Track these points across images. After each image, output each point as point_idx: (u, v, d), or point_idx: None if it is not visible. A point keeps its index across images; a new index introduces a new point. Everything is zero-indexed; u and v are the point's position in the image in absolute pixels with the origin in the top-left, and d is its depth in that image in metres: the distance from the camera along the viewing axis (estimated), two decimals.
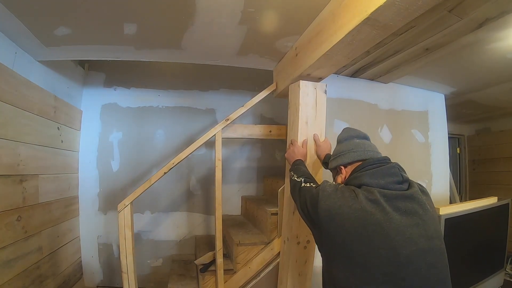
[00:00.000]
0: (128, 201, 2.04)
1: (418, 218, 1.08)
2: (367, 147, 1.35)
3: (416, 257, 1.03)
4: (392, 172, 1.19)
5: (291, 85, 2.11)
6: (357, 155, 1.32)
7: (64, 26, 1.87)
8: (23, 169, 2.08)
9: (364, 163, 1.27)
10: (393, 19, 1.26)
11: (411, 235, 1.04)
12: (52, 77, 2.51)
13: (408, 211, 1.09)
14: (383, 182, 1.16)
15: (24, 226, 2.07)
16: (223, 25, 1.84)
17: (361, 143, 1.37)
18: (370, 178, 1.18)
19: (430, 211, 1.15)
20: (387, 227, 1.04)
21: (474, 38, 2.06)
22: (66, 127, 2.69)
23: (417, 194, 1.15)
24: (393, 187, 1.15)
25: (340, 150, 1.39)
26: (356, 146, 1.35)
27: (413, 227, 1.06)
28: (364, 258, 1.04)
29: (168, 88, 3.22)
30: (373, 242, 1.04)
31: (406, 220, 1.07)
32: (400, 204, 1.10)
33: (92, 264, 3.01)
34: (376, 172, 1.20)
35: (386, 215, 1.06)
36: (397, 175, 1.19)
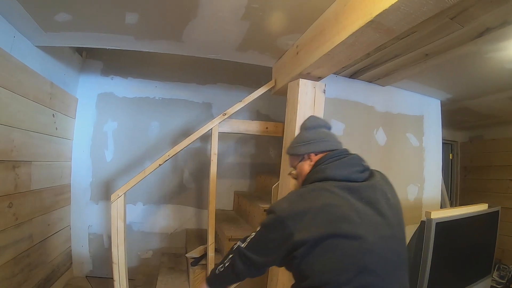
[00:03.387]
0: (121, 191, 2.03)
1: (380, 206, 1.12)
2: (335, 138, 1.39)
3: (381, 244, 1.06)
4: (353, 162, 1.24)
5: (290, 83, 2.11)
6: (327, 145, 1.34)
7: (65, 12, 1.86)
8: (17, 155, 2.06)
9: (329, 154, 1.30)
10: (397, 24, 1.27)
11: (375, 223, 1.08)
12: (49, 63, 2.49)
13: (371, 200, 1.12)
14: (346, 172, 1.19)
15: (15, 213, 2.05)
16: (225, 20, 1.83)
17: (330, 134, 1.40)
18: (334, 170, 1.21)
19: (391, 199, 1.19)
20: (353, 217, 1.06)
21: (473, 46, 2.07)
22: (61, 114, 2.66)
23: (378, 183, 1.20)
24: (355, 176, 1.19)
25: (310, 138, 1.38)
26: (326, 136, 1.37)
27: (376, 216, 1.09)
28: (335, 251, 1.04)
29: (166, 80, 3.21)
30: (341, 233, 1.04)
31: (369, 209, 1.10)
32: (363, 195, 1.13)
33: (82, 254, 3.00)
34: (340, 163, 1.23)
35: (351, 206, 1.08)
36: (359, 165, 1.24)
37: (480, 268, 2.83)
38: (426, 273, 2.13)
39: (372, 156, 2.82)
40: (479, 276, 2.79)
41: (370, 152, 2.81)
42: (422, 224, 2.20)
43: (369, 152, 2.81)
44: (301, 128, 1.47)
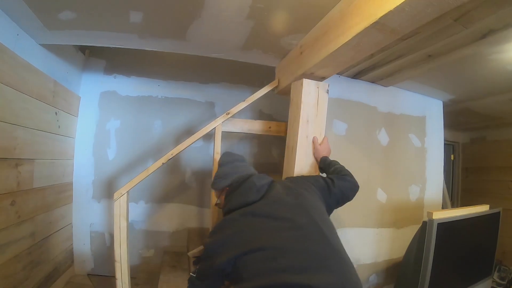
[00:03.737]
0: (124, 190, 2.03)
1: (278, 213, 1.30)
2: (243, 168, 1.63)
3: (288, 243, 1.19)
4: (248, 187, 1.45)
5: (293, 83, 2.12)
6: (233, 178, 1.55)
7: (69, 10, 1.86)
8: (19, 153, 2.06)
9: (232, 186, 1.53)
10: (401, 25, 1.28)
11: (276, 229, 1.24)
12: (52, 61, 2.49)
13: (266, 213, 1.31)
14: (242, 199, 1.41)
15: (17, 211, 2.05)
16: (230, 19, 1.84)
17: (239, 166, 1.64)
18: (234, 201, 1.44)
19: (291, 200, 1.39)
20: (253, 234, 1.25)
21: (476, 48, 2.07)
22: (64, 112, 2.66)
23: (274, 195, 1.41)
24: (252, 198, 1.40)
25: (223, 173, 1.61)
26: (235, 169, 1.61)
27: (275, 222, 1.27)
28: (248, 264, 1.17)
29: (169, 79, 3.20)
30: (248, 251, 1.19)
31: (268, 220, 1.28)
32: (259, 212, 1.33)
33: (84, 252, 3.00)
34: (237, 193, 1.46)
35: (251, 226, 1.28)
36: (253, 187, 1.44)
37: (480, 269, 2.84)
38: (427, 273, 2.13)
39: (375, 157, 2.82)
40: (480, 277, 2.80)
41: (373, 153, 2.82)
42: (424, 225, 2.20)
43: (371, 153, 2.81)
44: (218, 165, 1.70)
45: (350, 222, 2.73)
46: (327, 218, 1.44)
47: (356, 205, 2.71)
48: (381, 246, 2.88)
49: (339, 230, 2.63)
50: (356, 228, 2.76)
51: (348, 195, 1.65)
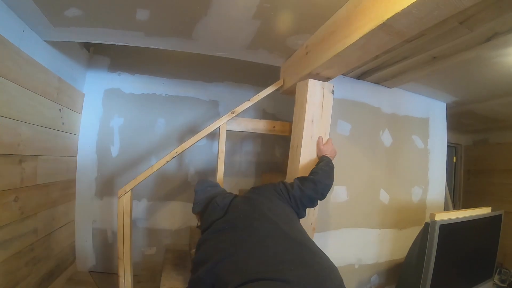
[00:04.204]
0: (129, 187, 2.03)
1: (237, 223, 1.45)
2: (204, 199, 1.77)
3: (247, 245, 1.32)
4: (212, 207, 1.61)
5: (298, 83, 2.12)
6: (199, 207, 1.76)
7: (76, 7, 1.85)
8: (23, 149, 2.06)
9: (202, 211, 1.71)
10: (408, 27, 1.29)
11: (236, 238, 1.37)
12: (57, 58, 2.48)
13: (227, 226, 1.46)
14: (211, 218, 1.55)
15: (20, 207, 2.06)
16: (236, 18, 1.83)
17: (203, 195, 1.80)
18: (204, 222, 1.61)
19: (247, 209, 1.51)
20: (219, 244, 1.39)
21: (481, 51, 2.06)
22: (68, 109, 2.66)
23: (234, 210, 1.54)
24: (216, 216, 1.54)
25: (198, 199, 1.79)
26: (199, 200, 1.78)
27: (235, 232, 1.40)
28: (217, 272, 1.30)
29: (173, 77, 3.20)
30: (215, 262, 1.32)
31: (230, 231, 1.42)
32: (221, 226, 1.48)
33: (86, 248, 3.00)
34: (206, 215, 1.62)
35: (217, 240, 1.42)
36: (216, 207, 1.59)
37: (481, 271, 2.84)
38: (429, 274, 2.14)
39: (378, 157, 2.82)
40: (481, 279, 2.80)
41: (376, 153, 2.82)
42: (426, 226, 2.20)
43: (374, 153, 2.81)
44: (194, 192, 1.86)
45: (352, 223, 2.73)
46: (290, 217, 1.54)
47: (359, 206, 2.73)
48: (383, 247, 2.88)
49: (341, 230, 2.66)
50: (359, 228, 2.76)
51: (311, 194, 1.68)
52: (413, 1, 1.09)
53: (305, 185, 1.68)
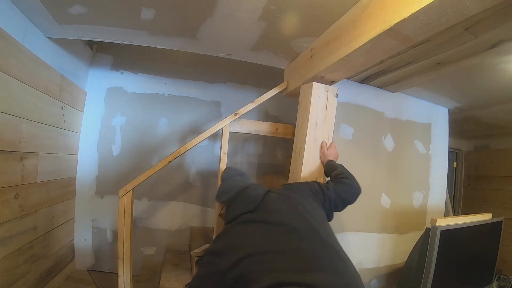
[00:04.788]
0: (130, 187, 2.03)
1: (271, 218, 1.38)
2: (242, 181, 1.73)
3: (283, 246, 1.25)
4: (244, 198, 1.54)
5: (303, 86, 2.11)
6: (234, 192, 1.63)
7: (80, 5, 1.85)
8: (24, 146, 2.05)
9: (230, 199, 1.61)
10: (415, 32, 1.29)
11: (270, 233, 1.31)
12: (60, 55, 2.48)
13: (261, 219, 1.39)
14: (240, 209, 1.49)
15: (21, 205, 2.05)
16: (242, 19, 1.83)
17: (238, 180, 1.74)
18: (233, 212, 1.52)
19: (285, 207, 1.46)
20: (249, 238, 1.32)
21: (485, 57, 2.06)
22: (70, 107, 2.65)
23: (268, 203, 1.48)
24: (249, 208, 1.47)
25: (225, 188, 1.71)
26: (235, 183, 1.70)
27: (270, 227, 1.34)
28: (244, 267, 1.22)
29: (175, 77, 3.20)
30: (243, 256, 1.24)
31: (263, 225, 1.36)
32: (255, 218, 1.41)
33: (85, 247, 2.99)
34: (234, 205, 1.55)
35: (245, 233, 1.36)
36: (247, 199, 1.52)
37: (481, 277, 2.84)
38: (429, 279, 2.13)
39: (380, 162, 2.81)
40: (480, 285, 2.80)
41: (378, 158, 2.81)
42: (427, 231, 2.20)
43: (376, 158, 2.80)
44: (221, 180, 1.83)
45: (353, 227, 2.72)
46: (323, 219, 1.51)
47: (360, 210, 2.72)
48: (383, 251, 2.87)
49: (342, 234, 2.65)
50: (359, 232, 2.75)
51: (345, 197, 1.67)
52: (421, 7, 1.09)
53: (339, 187, 1.67)
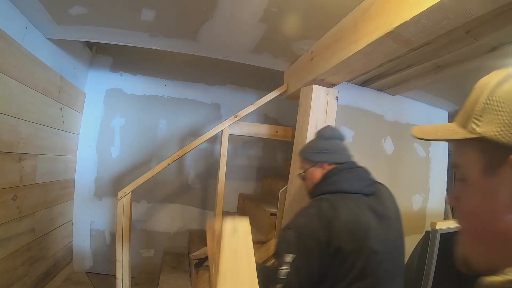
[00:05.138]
0: (129, 189, 2.02)
1: (387, 219, 1.24)
2: (347, 150, 1.48)
3: (387, 255, 1.18)
4: (363, 176, 1.36)
5: (303, 88, 2.11)
6: (340, 157, 1.42)
7: (80, 5, 1.84)
8: (23, 147, 2.04)
9: (340, 166, 1.38)
10: (416, 35, 1.28)
11: (384, 236, 1.19)
12: (59, 56, 2.47)
13: (380, 213, 1.23)
14: (358, 186, 1.29)
15: (19, 206, 2.03)
16: (243, 21, 1.83)
17: (343, 146, 1.49)
18: (347, 183, 1.30)
19: (394, 212, 1.33)
20: (369, 230, 1.16)
21: (485, 60, 2.06)
22: (69, 108, 2.64)
23: (383, 197, 1.33)
24: (366, 190, 1.29)
25: (326, 147, 1.45)
26: (340, 148, 1.46)
27: (385, 228, 1.21)
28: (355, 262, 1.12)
29: (175, 79, 3.19)
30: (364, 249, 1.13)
31: (380, 222, 1.20)
32: (375, 208, 1.23)
33: (83, 249, 2.98)
34: (352, 176, 1.33)
35: (367, 221, 1.18)
36: (367, 178, 1.36)
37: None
38: (429, 283, 2.12)
39: (380, 165, 2.81)
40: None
41: (378, 161, 2.81)
42: (427, 234, 2.19)
43: (376, 161, 2.80)
44: (318, 136, 1.53)
45: None
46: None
47: None
48: None
49: None
50: None
51: None
52: (423, 10, 1.09)
53: None
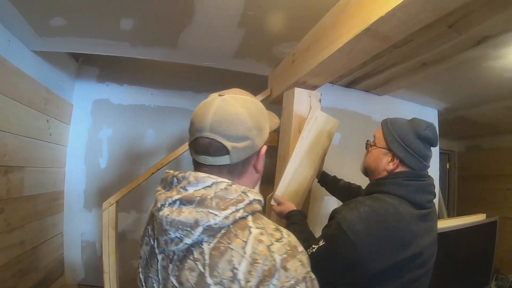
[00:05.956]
0: (113, 199, 2.01)
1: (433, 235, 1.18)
2: (428, 160, 1.27)
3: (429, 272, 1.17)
4: (429, 190, 1.21)
5: (285, 92, 2.10)
6: (417, 165, 1.22)
7: (60, 17, 1.83)
8: (9, 160, 2.02)
9: (412, 172, 1.23)
10: (393, 31, 1.26)
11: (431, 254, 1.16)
12: (44, 68, 2.46)
13: (430, 229, 1.17)
14: (422, 199, 1.17)
15: (6, 219, 2.01)
16: (221, 26, 1.82)
17: (428, 155, 1.26)
18: (413, 194, 1.16)
19: (436, 229, 1.25)
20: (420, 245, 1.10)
21: (471, 55, 2.05)
22: (56, 120, 2.63)
23: (433, 213, 1.23)
24: (426, 206, 1.18)
25: (411, 146, 1.22)
26: (423, 155, 1.23)
27: (432, 246, 1.16)
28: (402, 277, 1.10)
29: (162, 88, 3.18)
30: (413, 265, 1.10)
31: (429, 238, 1.14)
32: (429, 224, 1.17)
33: (75, 261, 2.95)
34: (420, 187, 1.19)
35: (420, 237, 1.11)
36: (432, 193, 1.22)
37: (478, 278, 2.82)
38: None
39: None
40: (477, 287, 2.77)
41: None
42: None
43: None
44: (416, 129, 1.27)
45: None
46: None
47: None
48: None
49: None
50: None
51: None
52: (398, 4, 1.06)
53: None
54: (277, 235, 0.75)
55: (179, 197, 0.77)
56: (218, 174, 0.81)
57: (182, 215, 0.73)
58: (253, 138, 0.83)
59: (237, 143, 0.80)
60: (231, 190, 0.77)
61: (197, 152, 0.83)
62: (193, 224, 0.72)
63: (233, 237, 0.73)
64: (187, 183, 0.79)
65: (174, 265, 0.77)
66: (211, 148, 0.80)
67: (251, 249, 0.71)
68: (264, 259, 0.69)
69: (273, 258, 0.70)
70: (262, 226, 0.76)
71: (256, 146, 0.85)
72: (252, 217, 0.78)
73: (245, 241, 0.72)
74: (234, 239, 0.72)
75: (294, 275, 0.69)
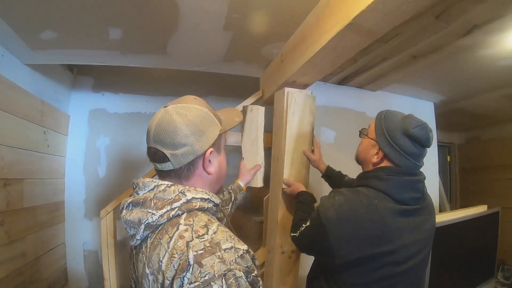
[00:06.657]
0: (110, 207, 2.02)
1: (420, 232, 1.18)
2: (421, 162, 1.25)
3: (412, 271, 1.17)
4: (416, 187, 1.21)
5: (276, 92, 2.10)
6: (403, 162, 1.21)
7: (50, 30, 1.86)
8: (7, 173, 2.04)
9: (395, 168, 1.21)
10: (377, 24, 1.24)
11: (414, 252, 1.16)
12: (39, 80, 2.49)
13: (415, 226, 1.17)
14: (405, 196, 1.17)
15: (7, 231, 2.03)
16: (207, 31, 1.83)
17: (417, 153, 1.21)
18: (393, 189, 1.17)
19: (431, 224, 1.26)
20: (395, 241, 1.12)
21: (462, 45, 2.04)
22: (53, 131, 2.66)
23: (425, 209, 1.25)
24: (410, 203, 1.18)
25: (396, 142, 1.21)
26: (410, 153, 1.20)
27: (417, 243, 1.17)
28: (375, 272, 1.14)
29: (156, 95, 3.19)
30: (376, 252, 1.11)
31: (411, 236, 1.15)
32: (413, 220, 1.17)
33: (78, 271, 2.96)
34: (402, 183, 1.18)
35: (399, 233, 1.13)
36: (419, 191, 1.21)
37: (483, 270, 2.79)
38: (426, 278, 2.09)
39: None
40: (482, 279, 2.76)
41: None
42: None
43: None
44: (406, 127, 1.21)
45: None
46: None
47: None
48: None
49: None
50: None
51: None
52: None
53: None
54: (202, 231, 0.80)
55: (131, 200, 0.91)
56: (168, 178, 0.94)
57: (131, 215, 0.88)
58: (191, 144, 0.90)
59: (175, 150, 0.89)
60: (169, 191, 0.87)
61: (150, 160, 0.96)
62: (138, 222, 0.85)
63: (164, 233, 0.83)
64: (138, 188, 0.93)
65: (135, 257, 0.93)
66: (156, 157, 0.92)
67: (172, 244, 0.79)
68: (180, 254, 0.76)
69: (187, 254, 0.75)
70: (191, 223, 0.83)
71: (196, 151, 0.92)
72: (187, 214, 0.86)
73: (170, 237, 0.81)
74: (164, 235, 0.82)
75: (210, 271, 0.72)
